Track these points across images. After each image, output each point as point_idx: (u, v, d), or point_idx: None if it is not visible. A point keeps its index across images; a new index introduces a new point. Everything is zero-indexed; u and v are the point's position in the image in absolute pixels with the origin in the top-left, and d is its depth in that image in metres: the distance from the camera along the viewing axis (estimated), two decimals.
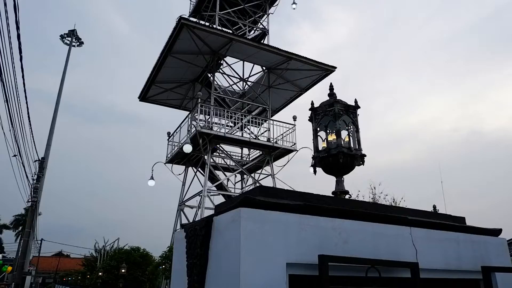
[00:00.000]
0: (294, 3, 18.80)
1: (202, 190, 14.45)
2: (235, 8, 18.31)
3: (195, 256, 2.23)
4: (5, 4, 7.15)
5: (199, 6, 19.04)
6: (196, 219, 15.51)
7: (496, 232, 3.15)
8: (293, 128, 15.88)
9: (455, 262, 2.67)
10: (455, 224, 2.98)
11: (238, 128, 16.25)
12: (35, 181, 16.40)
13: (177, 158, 16.30)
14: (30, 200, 16.42)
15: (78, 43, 20.87)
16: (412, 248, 2.44)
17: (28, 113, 14.06)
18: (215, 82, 16.55)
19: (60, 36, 20.64)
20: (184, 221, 16.25)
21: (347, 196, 3.57)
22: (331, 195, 3.57)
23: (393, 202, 17.70)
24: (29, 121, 14.68)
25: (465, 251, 2.76)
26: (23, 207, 40.01)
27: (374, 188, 18.19)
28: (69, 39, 20.50)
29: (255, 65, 17.68)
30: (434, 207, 14.68)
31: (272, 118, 16.62)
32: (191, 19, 16.51)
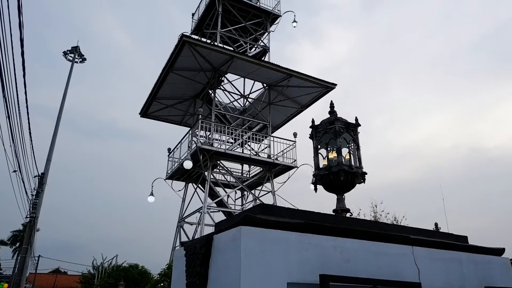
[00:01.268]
0: (294, 21, 19.04)
1: (202, 207, 14.37)
2: (237, 26, 18.56)
3: (194, 275, 2.20)
4: (9, 22, 7.25)
5: (201, 23, 19.32)
6: (196, 236, 15.38)
7: (499, 251, 3.12)
8: (294, 144, 15.90)
9: (458, 283, 2.64)
10: (458, 243, 2.95)
11: (239, 144, 16.27)
12: (34, 197, 16.32)
13: (177, 174, 16.28)
14: (28, 216, 16.30)
15: (81, 59, 21.06)
16: (415, 268, 2.41)
17: (29, 129, 14.10)
18: (216, 99, 16.65)
19: (63, 52, 20.82)
20: (184, 237, 16.10)
21: (348, 214, 3.55)
22: (332, 213, 3.55)
23: (395, 220, 17.58)
24: (30, 137, 14.72)
25: (468, 271, 2.73)
26: (21, 223, 39.76)
27: (376, 206, 18.12)
28: (72, 55, 20.70)
29: (256, 82, 17.82)
30: (436, 225, 14.54)
31: (272, 134, 16.65)
32: (193, 36, 16.72)
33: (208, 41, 17.98)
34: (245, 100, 18.69)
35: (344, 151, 3.79)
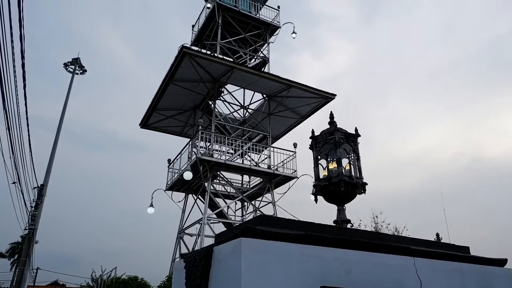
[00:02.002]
0: (294, 32, 19.20)
1: (202, 218, 14.31)
2: (236, 37, 18.71)
3: (194, 287, 2.18)
4: (11, 34, 7.31)
5: (201, 35, 19.48)
6: (196, 247, 15.27)
7: (502, 262, 3.09)
8: (294, 155, 15.89)
9: None
10: (459, 254, 2.93)
11: (239, 155, 16.27)
12: (33, 209, 16.24)
13: (177, 185, 16.24)
14: (27, 227, 16.21)
15: (81, 71, 21.16)
16: (417, 279, 2.39)
17: (29, 140, 14.10)
18: (216, 110, 16.70)
19: (63, 64, 20.93)
20: (184, 249, 16.00)
21: (349, 225, 3.54)
22: (333, 224, 3.53)
23: (396, 231, 17.49)
24: (30, 148, 14.71)
25: (470, 282, 2.71)
26: (19, 235, 39.48)
27: (376, 216, 18.04)
28: (73, 66, 20.80)
29: (255, 92, 17.90)
30: (437, 235, 14.43)
31: (272, 145, 16.66)
32: (193, 47, 16.84)
33: (208, 52, 18.10)
34: (245, 110, 18.75)
35: (344, 162, 3.79)
